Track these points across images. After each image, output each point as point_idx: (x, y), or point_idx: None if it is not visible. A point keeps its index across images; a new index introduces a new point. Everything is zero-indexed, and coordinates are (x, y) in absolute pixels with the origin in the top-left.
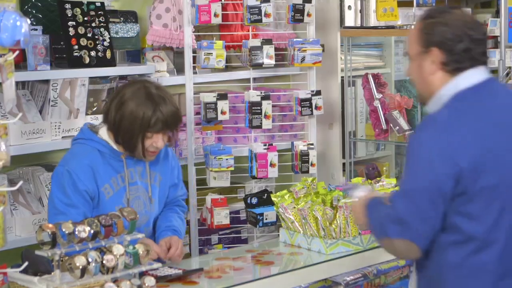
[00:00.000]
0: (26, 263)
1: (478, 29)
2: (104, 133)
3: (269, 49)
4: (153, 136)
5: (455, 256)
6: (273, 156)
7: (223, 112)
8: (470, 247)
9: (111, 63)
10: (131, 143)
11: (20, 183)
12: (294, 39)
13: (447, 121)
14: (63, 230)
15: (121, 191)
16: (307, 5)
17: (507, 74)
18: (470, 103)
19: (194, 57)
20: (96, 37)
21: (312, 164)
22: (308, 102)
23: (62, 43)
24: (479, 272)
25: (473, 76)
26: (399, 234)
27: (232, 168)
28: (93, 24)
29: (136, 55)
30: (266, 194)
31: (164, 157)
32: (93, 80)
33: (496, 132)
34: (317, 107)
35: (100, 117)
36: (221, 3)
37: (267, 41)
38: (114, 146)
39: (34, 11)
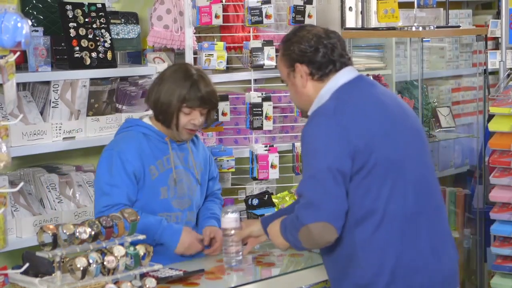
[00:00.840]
0: (27, 265)
1: (329, 36)
2: (147, 120)
3: (270, 51)
4: (191, 113)
5: (362, 233)
6: (274, 158)
7: (224, 114)
8: (373, 222)
9: (112, 64)
10: (168, 117)
11: (21, 184)
12: None
13: (334, 109)
14: (64, 231)
15: (166, 172)
16: (308, 7)
17: (508, 75)
18: (351, 93)
19: (195, 59)
20: (97, 38)
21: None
22: None
23: (63, 44)
24: (385, 245)
25: (347, 74)
26: (314, 218)
27: (233, 170)
28: (94, 26)
29: (137, 57)
30: (267, 196)
31: (203, 150)
32: (94, 81)
33: (380, 113)
34: None
35: (101, 118)
36: (222, 5)
37: (268, 43)
38: (158, 130)
39: (35, 13)
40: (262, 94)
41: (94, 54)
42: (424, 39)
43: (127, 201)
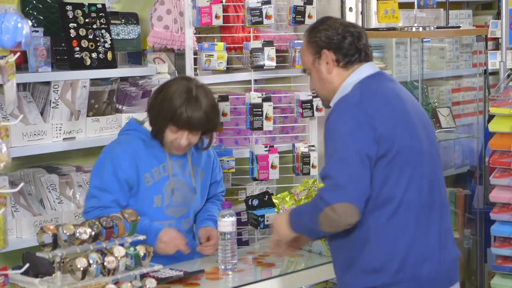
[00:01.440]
0: (27, 265)
1: (355, 26)
2: (148, 125)
3: (270, 51)
4: (177, 132)
5: (377, 219)
6: (274, 158)
7: (224, 114)
8: (389, 209)
9: (112, 64)
10: (155, 129)
11: (21, 185)
12: (295, 41)
13: (359, 98)
14: (64, 231)
15: (161, 180)
16: (308, 7)
17: (508, 76)
18: (374, 85)
19: (195, 59)
20: (97, 38)
21: (313, 166)
22: (309, 104)
23: (63, 44)
24: (398, 232)
25: (369, 69)
26: (340, 198)
27: (233, 170)
28: (94, 26)
29: (137, 57)
30: (267, 196)
31: (207, 155)
32: (94, 81)
33: (401, 106)
34: (318, 109)
35: (101, 118)
36: (222, 5)
37: (268, 43)
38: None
39: (35, 13)
40: (262, 94)
41: (94, 55)
42: (424, 40)
43: (115, 206)
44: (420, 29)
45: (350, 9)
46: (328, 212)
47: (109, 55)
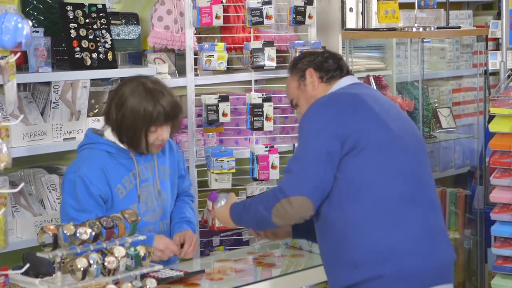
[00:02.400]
0: (27, 265)
1: (335, 53)
2: (109, 135)
3: (270, 51)
4: (158, 130)
5: (353, 212)
6: (274, 158)
7: (224, 114)
8: (364, 201)
9: (113, 65)
10: (135, 139)
11: (22, 185)
12: (296, 41)
13: (328, 97)
14: (65, 232)
15: (134, 189)
16: (308, 7)
17: (509, 76)
18: (350, 89)
19: (195, 59)
20: (98, 39)
21: None
22: None
23: (63, 45)
24: (376, 224)
25: (349, 80)
26: (297, 191)
27: (234, 170)
28: (95, 26)
29: (137, 57)
30: None
31: (170, 149)
32: (94, 82)
33: (372, 104)
34: None
35: (101, 119)
36: (223, 5)
37: (269, 43)
38: (121, 145)
39: (35, 13)
40: (262, 94)
41: (94, 55)
42: (424, 40)
43: None
44: (421, 29)
45: (351, 9)
46: (284, 203)
47: (110, 56)
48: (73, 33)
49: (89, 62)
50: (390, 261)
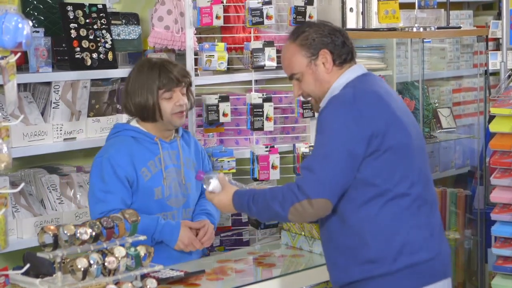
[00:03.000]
0: (28, 265)
1: (338, 27)
2: (134, 123)
3: (270, 51)
4: (172, 96)
5: (369, 210)
6: (274, 158)
7: (224, 114)
8: (380, 200)
9: (113, 65)
10: (151, 111)
11: (22, 185)
12: None
13: (352, 96)
14: (65, 232)
15: (159, 173)
16: (308, 7)
17: (509, 76)
18: (366, 84)
19: (195, 59)
20: (98, 39)
21: None
22: (309, 104)
23: (64, 45)
24: (392, 223)
25: (358, 70)
26: (320, 193)
27: (234, 170)
28: (95, 26)
29: (137, 57)
30: None
31: (195, 145)
32: (94, 82)
33: (392, 103)
34: None
35: (101, 119)
36: (223, 5)
37: (269, 43)
38: (147, 131)
39: (36, 13)
40: (263, 95)
41: (95, 55)
42: (425, 40)
43: (123, 206)
44: (421, 29)
45: (351, 9)
46: (305, 204)
47: (110, 56)
48: (73, 33)
49: (89, 62)
50: (404, 257)
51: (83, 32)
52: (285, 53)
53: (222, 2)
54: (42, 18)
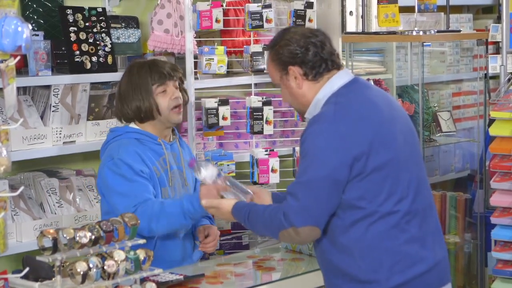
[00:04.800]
0: (27, 269)
1: (316, 35)
2: (134, 125)
3: None
4: (166, 90)
5: (357, 232)
6: (274, 162)
7: (224, 118)
8: (367, 221)
9: (113, 68)
10: (148, 109)
11: (21, 188)
12: None
13: (334, 114)
14: (64, 235)
15: (165, 173)
16: (308, 11)
17: (509, 80)
18: (348, 96)
19: (195, 63)
20: (98, 42)
21: None
22: None
23: (63, 48)
24: (380, 242)
25: (342, 77)
26: (305, 222)
27: (234, 174)
28: (95, 30)
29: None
30: None
31: (188, 150)
32: (94, 85)
33: (376, 117)
34: None
35: (101, 122)
36: (223, 9)
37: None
38: (148, 132)
39: (35, 17)
40: (262, 98)
41: (94, 59)
42: (424, 44)
43: (151, 196)
44: (421, 33)
45: (351, 13)
46: (291, 232)
47: (109, 59)
48: (73, 37)
49: (89, 65)
50: (396, 276)
51: (82, 36)
52: (266, 62)
53: (222, 6)
54: (42, 21)
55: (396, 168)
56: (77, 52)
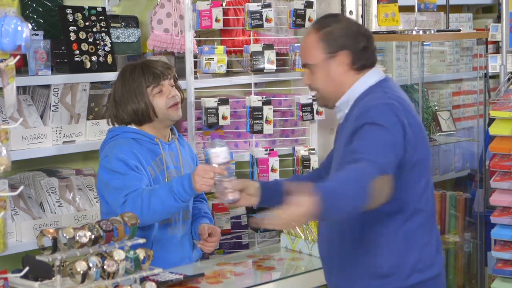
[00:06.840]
0: (26, 268)
1: (365, 28)
2: (131, 125)
3: (270, 54)
4: (162, 90)
5: (391, 225)
6: (274, 161)
7: (224, 117)
8: (403, 215)
9: (112, 68)
10: (146, 111)
11: (21, 188)
12: (295, 44)
13: (390, 100)
14: (64, 235)
15: (161, 173)
16: (308, 10)
17: (509, 79)
18: (393, 88)
19: (195, 62)
20: (97, 42)
21: (313, 169)
22: (309, 107)
23: (63, 48)
24: (410, 239)
25: (376, 75)
26: (384, 171)
27: (233, 173)
28: (94, 29)
29: (137, 60)
30: None
31: (189, 149)
32: (94, 85)
33: (416, 113)
34: (318, 112)
35: (100, 121)
36: (222, 8)
37: (268, 46)
38: (145, 132)
39: (35, 16)
40: (262, 97)
41: (94, 58)
42: (424, 43)
43: (144, 186)
44: (421, 32)
45: (351, 12)
46: (384, 180)
47: (109, 59)
48: (72, 36)
49: (88, 65)
50: (416, 274)
51: (82, 35)
52: (305, 40)
53: (222, 5)
54: (42, 21)
55: (428, 166)
56: (77, 52)
